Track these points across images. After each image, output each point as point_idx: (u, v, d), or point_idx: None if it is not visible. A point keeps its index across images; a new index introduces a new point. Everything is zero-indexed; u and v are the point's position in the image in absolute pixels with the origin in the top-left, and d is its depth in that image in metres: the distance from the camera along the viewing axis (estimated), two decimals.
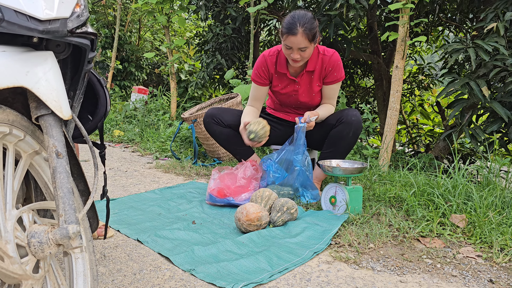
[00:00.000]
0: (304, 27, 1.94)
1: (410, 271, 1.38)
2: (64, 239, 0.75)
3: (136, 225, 1.78)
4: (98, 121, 1.23)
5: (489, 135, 2.73)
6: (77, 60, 0.99)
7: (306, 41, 1.96)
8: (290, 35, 1.96)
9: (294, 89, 2.22)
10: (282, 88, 2.24)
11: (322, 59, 2.16)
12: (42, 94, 0.80)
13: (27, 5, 0.77)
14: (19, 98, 0.91)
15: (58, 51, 0.91)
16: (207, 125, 2.35)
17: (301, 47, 1.98)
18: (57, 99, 0.82)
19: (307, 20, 1.95)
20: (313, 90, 2.22)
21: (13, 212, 0.75)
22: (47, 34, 0.80)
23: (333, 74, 2.16)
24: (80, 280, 0.90)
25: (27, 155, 0.86)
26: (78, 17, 0.88)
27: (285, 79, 2.23)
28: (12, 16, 0.74)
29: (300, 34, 1.94)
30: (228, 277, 1.29)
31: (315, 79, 2.19)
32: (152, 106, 5.11)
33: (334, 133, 2.15)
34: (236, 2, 5.10)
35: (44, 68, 0.81)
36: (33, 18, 0.77)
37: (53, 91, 0.82)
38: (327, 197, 1.95)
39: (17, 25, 0.75)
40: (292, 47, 1.99)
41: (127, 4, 7.82)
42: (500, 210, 1.79)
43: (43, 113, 0.83)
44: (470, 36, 3.11)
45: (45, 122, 0.83)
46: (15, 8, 0.75)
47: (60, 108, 0.83)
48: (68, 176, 0.81)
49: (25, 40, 0.85)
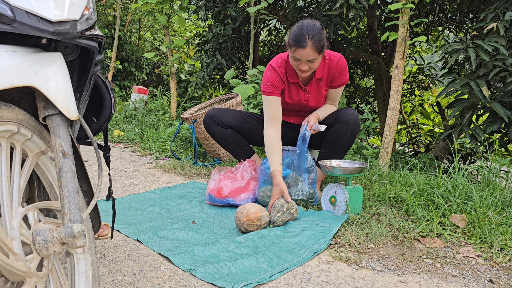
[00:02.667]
0: (313, 40, 1.86)
1: (410, 271, 1.38)
2: (68, 237, 0.76)
3: (136, 225, 1.78)
4: (102, 123, 1.24)
5: (489, 135, 2.73)
6: (84, 62, 1.00)
7: (315, 53, 1.90)
8: (299, 48, 1.89)
9: (305, 98, 2.20)
10: (293, 97, 2.22)
11: (329, 64, 2.12)
12: (51, 94, 0.81)
13: (39, 6, 0.78)
14: (26, 98, 0.92)
15: (66, 53, 0.92)
16: (208, 125, 2.34)
17: (310, 59, 1.93)
18: (65, 100, 0.84)
19: (316, 32, 1.87)
20: (322, 96, 2.23)
21: (19, 210, 0.76)
22: (57, 35, 0.81)
23: (340, 78, 2.16)
24: (82, 280, 0.90)
25: (33, 155, 0.87)
26: (87, 20, 0.89)
27: (296, 89, 2.19)
28: (24, 17, 0.75)
29: (310, 47, 1.87)
30: (228, 277, 1.29)
31: (322, 85, 2.18)
32: (152, 106, 5.11)
33: (331, 132, 2.16)
34: (236, 2, 5.10)
35: (53, 68, 0.83)
36: (44, 19, 0.78)
37: (61, 91, 0.83)
38: (327, 197, 1.95)
39: (28, 26, 0.76)
40: (301, 59, 1.94)
41: (127, 4, 7.82)
42: (500, 210, 1.79)
43: (51, 113, 0.84)
44: (470, 36, 3.11)
45: (52, 122, 0.84)
46: (26, 9, 0.76)
47: (68, 108, 0.84)
48: (74, 175, 0.82)
49: (34, 41, 0.86)
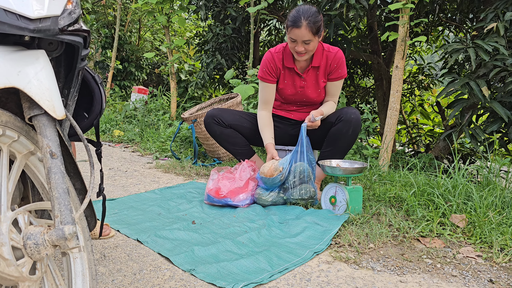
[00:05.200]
0: (308, 20, 2.00)
1: (410, 271, 1.38)
2: (60, 240, 0.74)
3: (136, 225, 1.78)
4: (93, 118, 1.21)
5: (489, 135, 2.73)
6: (70, 57, 0.97)
7: (310, 34, 2.02)
8: (294, 27, 2.02)
9: (301, 85, 2.26)
10: (289, 84, 2.27)
11: (327, 55, 2.21)
12: (35, 94, 0.78)
13: (17, 4, 0.75)
14: (12, 98, 0.90)
15: (50, 49, 0.89)
16: (208, 125, 2.34)
17: (305, 40, 2.03)
18: (50, 99, 0.81)
19: (311, 13, 2.01)
20: (319, 86, 2.26)
21: (8, 214, 0.74)
22: (38, 32, 0.79)
23: (338, 71, 2.22)
24: (79, 279, 0.89)
25: (22, 156, 0.85)
26: (70, 14, 0.86)
27: (292, 75, 2.26)
28: (2, 15, 0.73)
29: (304, 27, 2.00)
30: (228, 277, 1.29)
31: (320, 75, 2.23)
32: (152, 106, 5.11)
33: (333, 131, 2.16)
34: (236, 2, 5.10)
35: (36, 67, 0.80)
36: (23, 17, 0.76)
37: (45, 90, 0.80)
38: (327, 197, 1.95)
39: (7, 24, 0.74)
40: (297, 39, 2.05)
41: (127, 4, 7.82)
42: (500, 210, 1.79)
43: (36, 113, 0.81)
44: (470, 36, 3.11)
45: (38, 122, 0.82)
46: (4, 7, 0.74)
47: (53, 107, 0.82)
48: (63, 176, 0.80)
49: (16, 39, 0.84)
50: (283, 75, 2.27)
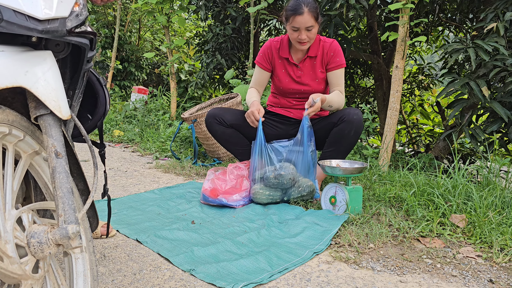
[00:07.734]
0: (309, 7, 2.05)
1: (410, 271, 1.38)
2: (63, 239, 0.75)
3: (135, 225, 1.78)
4: (97, 120, 1.23)
5: (489, 135, 2.72)
6: (76, 59, 0.98)
7: (313, 19, 2.07)
8: (296, 15, 2.05)
9: (297, 75, 2.28)
10: (285, 74, 2.30)
11: (323, 45, 2.26)
12: (41, 94, 0.80)
13: (26, 4, 0.76)
14: (18, 98, 0.91)
15: (57, 51, 0.91)
16: (209, 125, 2.34)
17: (308, 26, 2.07)
18: (56, 99, 0.82)
19: (310, 0, 2.08)
20: (317, 76, 2.27)
21: (13, 212, 0.75)
22: (46, 33, 0.80)
23: (335, 59, 2.24)
24: (80, 280, 0.89)
25: (27, 155, 0.86)
26: (77, 17, 0.88)
27: (287, 65, 2.29)
28: (11, 16, 0.74)
29: (307, 13, 2.04)
30: (228, 277, 1.29)
31: (317, 65, 2.25)
32: (152, 106, 5.11)
33: (335, 131, 2.16)
34: (236, 2, 5.10)
35: (43, 68, 0.81)
36: (32, 17, 0.77)
37: (52, 91, 0.82)
38: (327, 197, 1.95)
39: (16, 25, 0.75)
40: (300, 27, 2.08)
41: (127, 4, 7.82)
42: (500, 210, 1.79)
43: (42, 113, 0.83)
44: (470, 36, 3.11)
45: (44, 122, 0.83)
46: (14, 8, 0.75)
47: (59, 108, 0.83)
48: (67, 176, 0.80)
49: (24, 39, 0.85)
50: (278, 64, 2.31)
